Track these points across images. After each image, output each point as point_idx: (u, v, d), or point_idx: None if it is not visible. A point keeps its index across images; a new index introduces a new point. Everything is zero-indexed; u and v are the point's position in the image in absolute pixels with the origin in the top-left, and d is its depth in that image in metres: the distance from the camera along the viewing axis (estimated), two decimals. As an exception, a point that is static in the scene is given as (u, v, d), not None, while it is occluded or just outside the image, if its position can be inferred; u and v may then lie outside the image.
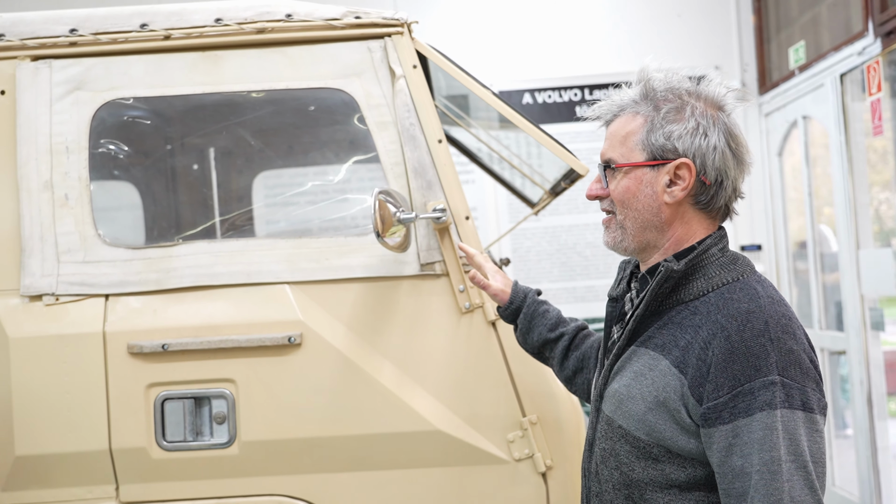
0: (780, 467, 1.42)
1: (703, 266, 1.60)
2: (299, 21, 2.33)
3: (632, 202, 1.63)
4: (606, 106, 1.70)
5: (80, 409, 2.23)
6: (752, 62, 5.36)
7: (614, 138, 1.66)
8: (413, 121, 2.28)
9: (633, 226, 1.64)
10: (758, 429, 1.44)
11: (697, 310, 1.56)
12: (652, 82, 1.64)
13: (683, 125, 1.59)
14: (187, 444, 2.24)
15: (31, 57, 2.32)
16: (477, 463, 2.25)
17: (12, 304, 2.26)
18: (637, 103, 1.65)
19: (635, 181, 1.62)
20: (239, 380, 2.24)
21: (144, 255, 2.30)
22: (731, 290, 1.56)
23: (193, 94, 2.35)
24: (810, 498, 1.43)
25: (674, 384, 1.52)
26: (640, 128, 1.62)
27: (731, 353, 1.47)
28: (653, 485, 1.55)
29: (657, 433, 1.54)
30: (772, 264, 5.26)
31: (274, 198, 3.59)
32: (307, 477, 2.25)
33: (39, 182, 2.28)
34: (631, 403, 1.58)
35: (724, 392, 1.46)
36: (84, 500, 2.24)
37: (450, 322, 2.28)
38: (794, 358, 1.48)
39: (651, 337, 1.60)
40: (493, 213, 5.31)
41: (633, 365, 1.61)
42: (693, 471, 1.53)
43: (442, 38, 5.32)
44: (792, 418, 1.45)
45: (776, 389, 1.45)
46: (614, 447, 1.61)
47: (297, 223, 3.63)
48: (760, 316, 1.50)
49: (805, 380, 1.48)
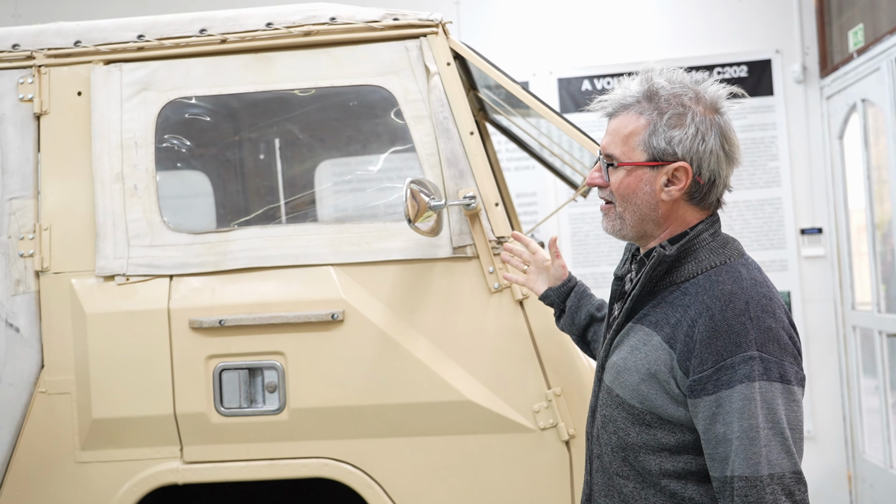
0: (757, 434, 1.56)
1: (695, 250, 1.73)
2: (342, 24, 2.53)
3: (631, 198, 1.74)
4: (610, 101, 1.80)
5: (148, 377, 2.48)
6: (813, 45, 5.35)
7: (617, 135, 1.76)
8: (446, 114, 2.46)
9: (632, 218, 1.76)
10: (738, 399, 1.57)
11: (687, 290, 1.69)
12: (657, 86, 1.73)
13: (684, 131, 1.69)
14: (242, 411, 2.47)
15: (104, 61, 2.58)
16: (504, 431, 2.42)
17: (88, 284, 2.52)
18: (640, 104, 1.73)
19: (635, 179, 1.73)
20: (288, 352, 2.46)
21: (204, 239, 2.53)
22: (717, 272, 1.69)
23: (247, 93, 2.57)
24: (787, 461, 1.56)
25: (664, 358, 1.67)
26: (643, 129, 1.72)
27: (714, 330, 1.61)
28: (646, 448, 1.70)
29: (649, 402, 1.69)
30: (833, 247, 5.26)
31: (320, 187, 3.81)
32: (350, 442, 2.46)
33: (111, 174, 2.53)
34: (627, 374, 1.72)
35: (708, 366, 1.60)
36: (152, 458, 2.49)
37: (480, 301, 2.46)
38: (772, 335, 1.61)
39: (646, 314, 1.74)
40: (553, 197, 5.44)
41: (630, 340, 1.75)
42: (682, 436, 1.67)
43: (501, 26, 5.47)
44: (770, 389, 1.57)
45: (755, 364, 1.58)
46: (612, 414, 1.76)
47: (342, 210, 3.84)
48: (742, 297, 1.63)
49: (783, 354, 1.60)
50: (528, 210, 5.38)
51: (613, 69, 5.43)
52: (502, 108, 3.14)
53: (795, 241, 5.33)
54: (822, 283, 5.29)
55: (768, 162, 5.36)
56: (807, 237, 5.33)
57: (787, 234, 5.34)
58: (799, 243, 5.33)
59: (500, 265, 2.44)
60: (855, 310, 5.15)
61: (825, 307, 5.29)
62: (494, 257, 2.44)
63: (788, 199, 5.34)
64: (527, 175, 5.41)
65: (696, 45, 5.36)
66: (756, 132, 5.36)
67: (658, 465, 1.68)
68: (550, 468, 2.42)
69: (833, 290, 5.26)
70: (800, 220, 5.35)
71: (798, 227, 5.34)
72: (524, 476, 2.42)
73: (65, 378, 2.51)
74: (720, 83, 1.76)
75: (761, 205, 5.35)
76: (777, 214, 5.35)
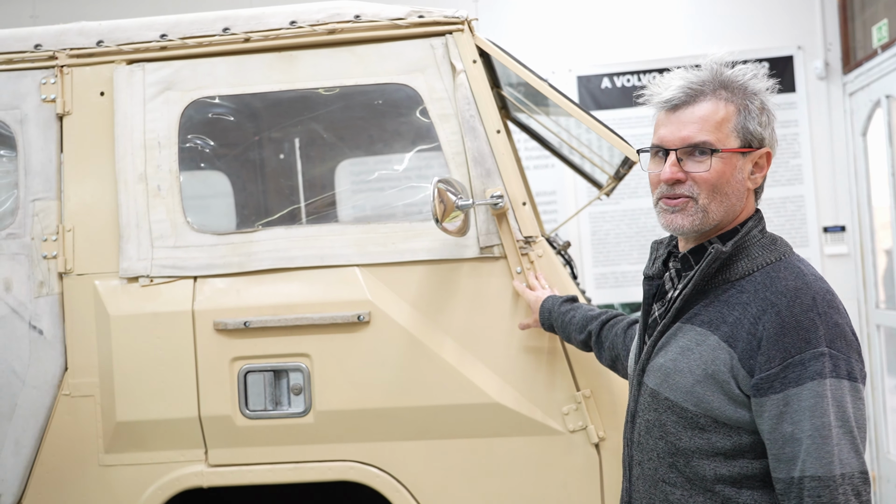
0: (830, 432, 1.53)
1: (747, 247, 1.70)
2: (367, 21, 2.50)
3: (724, 187, 1.68)
4: (677, 89, 1.71)
5: (172, 379, 2.45)
6: (836, 41, 5.29)
7: (707, 122, 1.68)
8: (473, 112, 2.42)
9: (718, 209, 1.69)
10: (808, 397, 1.54)
11: (744, 288, 1.66)
12: (729, 74, 1.70)
13: (767, 116, 1.71)
14: (268, 413, 2.44)
15: (127, 61, 2.56)
16: (533, 434, 2.39)
17: (112, 286, 2.50)
18: (718, 91, 1.69)
19: (730, 167, 1.68)
20: (314, 354, 2.43)
21: (228, 240, 2.51)
22: (775, 269, 1.66)
23: (271, 92, 2.54)
24: (856, 461, 1.54)
25: (723, 357, 1.63)
26: (735, 115, 1.68)
27: (781, 327, 1.58)
28: (699, 453, 1.66)
29: (705, 404, 1.64)
30: (856, 245, 5.20)
31: (345, 186, 3.78)
32: (376, 444, 2.43)
33: (135, 174, 2.51)
34: (678, 376, 1.68)
35: (776, 363, 1.57)
36: (177, 461, 2.48)
37: (508, 302, 2.42)
38: (839, 331, 1.58)
39: (697, 314, 1.70)
40: (573, 196, 5.40)
41: (679, 340, 1.71)
42: (738, 439, 1.64)
43: (520, 24, 5.44)
44: (839, 387, 1.55)
45: (825, 360, 1.55)
46: (660, 418, 1.71)
47: (367, 210, 3.81)
48: (808, 292, 1.60)
49: (850, 351, 1.58)
50: (548, 209, 5.34)
51: (633, 67, 5.39)
52: (526, 105, 3.10)
53: (818, 239, 5.28)
54: (845, 282, 5.23)
55: (790, 159, 5.30)
56: (830, 235, 5.27)
57: (809, 231, 5.28)
58: (822, 241, 5.28)
59: (527, 266, 2.41)
60: (879, 308, 5.09)
61: (849, 306, 5.21)
62: (522, 257, 2.41)
63: (811, 196, 5.29)
64: (546, 174, 5.38)
65: (717, 42, 5.29)
66: (778, 129, 5.23)
67: (713, 471, 1.65)
68: (580, 471, 2.38)
69: (857, 288, 5.20)
70: (823, 217, 5.29)
71: (821, 225, 5.28)
72: (553, 479, 2.39)
73: (89, 381, 2.49)
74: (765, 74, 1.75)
75: (784, 202, 5.30)
76: (800, 212, 5.30)
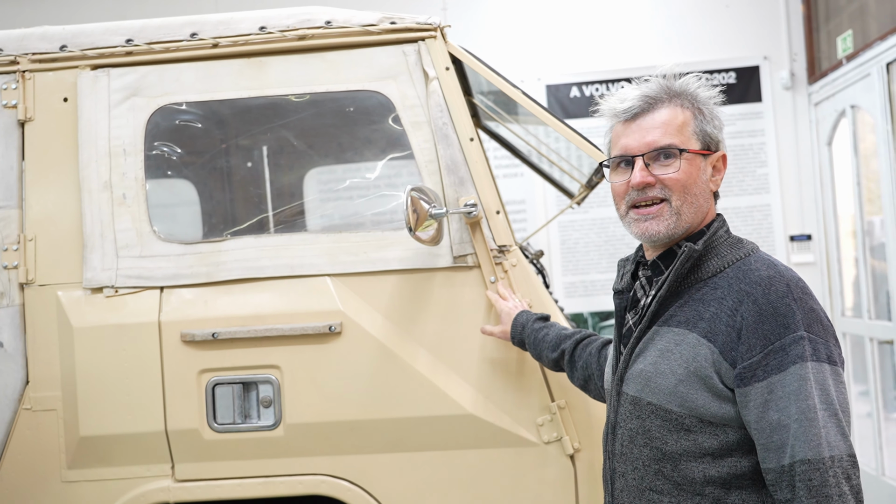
0: (816, 415, 1.53)
1: (715, 246, 1.73)
2: (338, 27, 2.46)
3: (692, 188, 1.72)
4: (634, 98, 1.75)
5: (138, 393, 2.39)
6: (801, 52, 5.34)
7: (669, 126, 1.72)
8: (446, 120, 2.39)
9: (689, 211, 1.72)
10: (792, 381, 1.55)
11: (718, 284, 1.67)
12: (681, 82, 1.76)
13: (718, 121, 1.76)
14: (236, 426, 2.39)
15: (91, 66, 2.49)
16: (508, 445, 2.36)
17: (75, 296, 2.43)
18: (674, 98, 1.74)
19: (695, 167, 1.72)
20: (284, 366, 2.38)
21: (196, 249, 2.46)
22: (746, 263, 1.69)
23: (240, 99, 2.50)
24: (843, 444, 1.54)
25: (704, 353, 1.63)
26: (692, 119, 1.73)
27: (759, 314, 1.59)
28: (687, 455, 1.65)
29: (690, 403, 1.64)
30: (822, 254, 5.25)
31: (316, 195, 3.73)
32: (348, 458, 2.38)
33: (99, 182, 2.45)
34: (660, 379, 1.67)
35: (757, 351, 1.58)
36: (143, 477, 2.41)
37: (482, 312, 2.39)
38: (816, 316, 1.60)
39: (673, 315, 1.70)
40: (542, 205, 5.39)
41: (658, 344, 1.70)
42: (725, 437, 1.63)
43: (489, 33, 5.43)
44: (821, 370, 1.56)
45: (805, 344, 1.56)
46: (643, 424, 1.70)
47: (337, 219, 3.77)
48: (781, 280, 1.62)
49: (827, 335, 1.60)
50: (518, 218, 5.32)
51: (602, 76, 5.40)
52: (497, 114, 3.08)
53: (785, 247, 5.32)
54: (811, 290, 5.26)
55: (757, 168, 5.34)
56: (796, 244, 5.32)
57: (776, 240, 5.32)
58: (788, 250, 5.32)
59: (501, 275, 2.38)
60: (845, 316, 5.13)
61: (815, 314, 5.25)
62: (496, 266, 2.38)
63: (777, 205, 5.33)
64: (516, 183, 5.36)
65: (685, 52, 5.33)
66: (745, 139, 5.34)
67: (702, 472, 1.64)
68: (555, 483, 2.35)
69: (823, 296, 5.24)
70: (789, 226, 5.33)
71: (787, 234, 5.33)
72: (528, 491, 2.36)
73: (51, 394, 2.42)
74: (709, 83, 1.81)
75: (750, 211, 5.33)
76: (766, 221, 5.33)
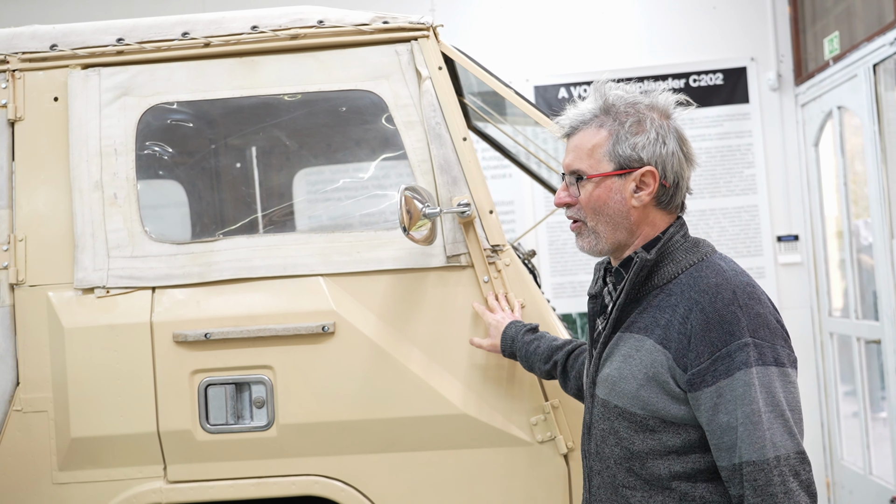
0: (760, 418, 1.60)
1: (671, 252, 1.77)
2: (330, 27, 2.46)
3: (603, 209, 1.78)
4: (565, 120, 1.84)
5: (130, 394, 2.38)
6: (787, 53, 5.37)
7: (580, 150, 1.80)
8: (439, 120, 2.39)
9: (606, 230, 1.79)
10: (738, 386, 1.61)
11: (672, 291, 1.73)
12: (611, 98, 1.79)
13: (646, 136, 1.76)
14: (229, 427, 2.38)
15: (82, 65, 2.48)
16: (501, 445, 2.36)
17: (67, 297, 2.41)
18: (598, 117, 1.80)
19: (605, 190, 1.78)
20: (276, 366, 2.37)
21: (188, 249, 2.44)
22: (698, 269, 1.73)
23: (232, 98, 2.49)
24: (790, 443, 1.61)
25: (660, 359, 1.69)
26: (606, 140, 1.77)
27: (706, 322, 1.65)
28: (653, 454, 1.71)
29: (651, 406, 1.70)
30: (809, 254, 5.27)
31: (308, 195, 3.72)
32: (341, 458, 2.38)
33: (90, 182, 2.43)
34: (624, 383, 1.74)
35: (705, 358, 1.64)
36: (135, 478, 2.40)
37: (475, 312, 2.39)
38: (762, 320, 1.65)
39: (634, 322, 1.77)
40: (531, 206, 5.40)
41: (621, 349, 1.77)
42: (687, 435, 1.69)
43: (476, 34, 5.43)
44: (766, 374, 1.62)
45: (750, 350, 1.62)
46: (612, 426, 1.77)
47: (330, 218, 3.76)
48: (728, 287, 1.68)
49: (774, 338, 1.65)
50: (506, 219, 5.33)
51: (590, 77, 5.41)
52: (488, 114, 3.08)
53: (772, 248, 5.34)
54: (798, 290, 5.31)
55: (744, 169, 5.36)
56: (783, 244, 5.34)
57: (763, 241, 5.35)
58: (776, 250, 5.34)
59: (494, 274, 2.39)
60: (832, 316, 5.16)
61: (802, 314, 5.30)
62: (489, 266, 2.38)
63: (765, 206, 5.35)
64: (504, 183, 5.37)
65: (672, 53, 5.35)
66: (732, 140, 5.36)
67: (667, 469, 1.70)
68: (548, 482, 2.36)
69: (810, 296, 5.27)
70: (776, 227, 5.36)
71: (774, 235, 5.35)
72: (522, 490, 2.36)
73: (42, 395, 2.40)
74: (668, 91, 1.84)
75: (738, 212, 5.36)
76: (753, 222, 5.36)
